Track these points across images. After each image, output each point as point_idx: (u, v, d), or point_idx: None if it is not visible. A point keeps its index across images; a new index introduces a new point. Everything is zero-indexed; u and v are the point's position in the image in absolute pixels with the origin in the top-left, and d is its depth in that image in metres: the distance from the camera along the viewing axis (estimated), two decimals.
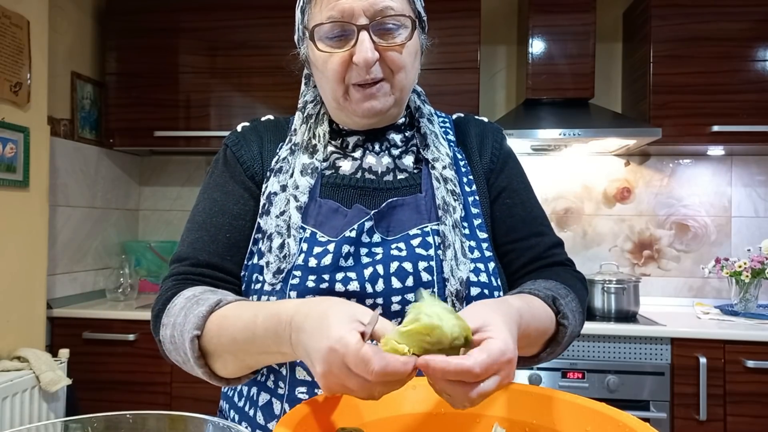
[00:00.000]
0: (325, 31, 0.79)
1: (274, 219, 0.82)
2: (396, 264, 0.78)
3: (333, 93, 0.83)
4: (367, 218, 0.80)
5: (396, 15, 0.78)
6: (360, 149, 0.88)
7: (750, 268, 2.38)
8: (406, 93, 0.85)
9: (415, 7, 0.83)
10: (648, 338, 2.16)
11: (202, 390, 2.30)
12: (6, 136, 2.07)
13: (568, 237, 2.83)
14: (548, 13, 2.52)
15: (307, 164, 0.85)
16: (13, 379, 1.95)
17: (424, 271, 0.78)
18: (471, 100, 2.52)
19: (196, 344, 0.72)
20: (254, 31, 2.58)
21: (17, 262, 2.13)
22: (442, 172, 0.85)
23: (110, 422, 0.52)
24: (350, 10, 0.77)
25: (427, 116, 0.91)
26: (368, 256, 0.79)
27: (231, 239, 0.84)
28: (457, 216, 0.82)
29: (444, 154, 0.87)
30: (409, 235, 0.81)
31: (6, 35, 2.06)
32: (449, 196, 0.83)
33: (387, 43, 0.79)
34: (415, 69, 0.85)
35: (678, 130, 2.42)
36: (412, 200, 0.84)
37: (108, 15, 2.69)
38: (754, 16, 2.41)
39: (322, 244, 0.79)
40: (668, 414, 2.14)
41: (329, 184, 0.85)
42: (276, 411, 0.79)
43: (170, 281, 0.82)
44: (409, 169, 0.88)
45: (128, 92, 2.66)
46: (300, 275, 0.77)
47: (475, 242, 0.83)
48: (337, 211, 0.82)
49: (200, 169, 3.03)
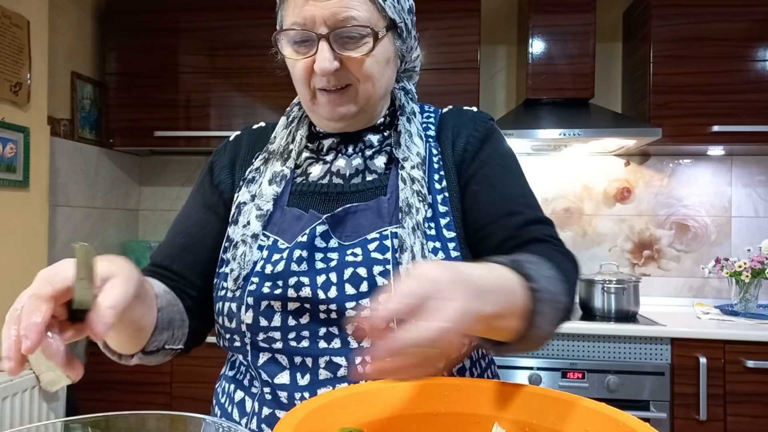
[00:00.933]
0: (290, 36, 0.80)
1: (240, 228, 0.84)
2: (350, 270, 0.77)
3: (302, 97, 0.85)
4: (319, 222, 0.80)
5: (357, 26, 0.77)
6: (333, 152, 0.88)
7: (750, 268, 2.38)
8: (373, 101, 0.84)
9: (387, 14, 0.80)
10: (648, 338, 2.16)
11: (202, 390, 2.30)
12: (6, 136, 2.07)
13: (568, 237, 2.84)
14: (548, 13, 2.52)
15: (277, 172, 0.87)
16: (13, 379, 1.95)
17: (380, 276, 0.77)
18: (471, 100, 2.52)
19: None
20: (254, 31, 2.58)
21: (17, 262, 2.13)
22: (410, 172, 0.82)
23: (110, 422, 0.52)
24: (312, 18, 0.77)
25: (408, 114, 0.89)
26: (323, 261, 0.78)
27: (184, 244, 0.89)
28: (420, 217, 0.79)
29: (414, 153, 0.84)
30: (367, 240, 0.79)
31: (6, 35, 2.06)
32: (413, 198, 0.80)
33: (349, 52, 0.78)
34: (385, 76, 0.83)
35: (678, 130, 2.42)
36: (374, 204, 0.82)
37: (108, 15, 2.69)
38: (754, 16, 2.41)
39: (280, 250, 0.80)
40: (668, 414, 2.14)
41: (297, 192, 0.86)
42: (247, 408, 0.81)
43: None
44: (379, 171, 0.86)
45: (128, 92, 2.66)
46: (257, 281, 0.78)
47: (441, 243, 0.80)
48: (299, 218, 0.82)
49: (200, 169, 3.02)
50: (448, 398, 0.67)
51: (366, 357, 0.75)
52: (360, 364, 0.75)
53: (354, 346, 0.76)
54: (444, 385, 0.68)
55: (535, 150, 2.72)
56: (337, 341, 0.77)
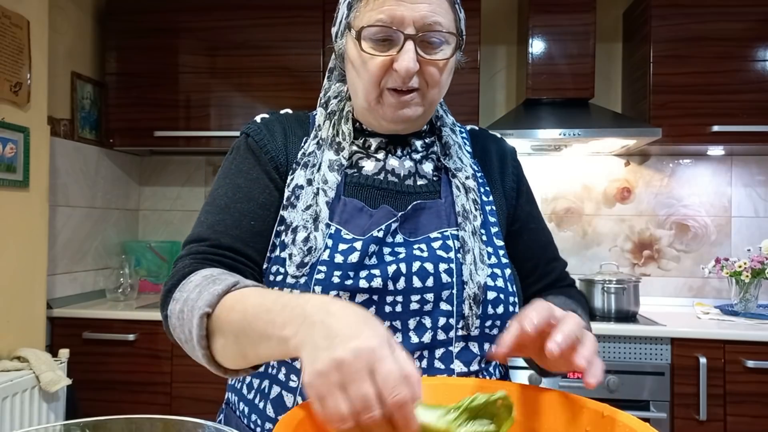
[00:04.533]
0: (371, 32, 0.80)
1: (300, 212, 0.82)
2: (418, 264, 0.80)
3: (366, 95, 0.83)
4: (394, 219, 0.82)
5: (443, 32, 0.80)
6: (382, 151, 0.89)
7: (750, 268, 2.38)
8: (434, 107, 0.87)
9: (459, 26, 0.85)
10: (648, 338, 2.16)
11: (202, 390, 2.30)
12: (6, 136, 2.06)
13: (568, 237, 2.84)
14: (548, 13, 2.52)
15: (333, 160, 0.86)
16: (13, 379, 1.94)
17: (445, 273, 0.80)
18: (471, 100, 2.52)
19: (205, 322, 0.67)
20: (254, 31, 2.58)
21: (17, 262, 2.13)
22: (464, 182, 0.87)
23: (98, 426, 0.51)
24: (401, 18, 0.78)
25: (449, 126, 0.94)
26: (391, 255, 0.80)
27: (255, 227, 0.83)
28: (477, 223, 0.85)
29: (468, 165, 0.90)
30: (430, 238, 0.83)
31: (6, 35, 2.06)
32: (470, 204, 0.86)
33: (428, 56, 0.80)
34: (446, 85, 0.87)
35: (678, 130, 2.42)
36: (433, 204, 0.86)
37: (108, 15, 2.69)
38: (754, 16, 2.40)
39: (347, 241, 0.80)
40: (668, 414, 2.14)
41: (352, 183, 0.86)
42: (288, 404, 0.79)
43: (188, 259, 0.79)
44: (429, 176, 0.89)
45: (128, 92, 2.66)
46: (325, 270, 0.77)
47: (492, 249, 0.86)
48: (362, 210, 0.83)
49: (200, 169, 3.03)
50: (448, 398, 0.67)
51: (423, 352, 0.78)
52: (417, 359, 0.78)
53: (414, 340, 0.78)
54: (444, 385, 0.68)
55: (535, 150, 2.71)
56: (399, 335, 0.78)
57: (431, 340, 0.79)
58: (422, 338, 0.78)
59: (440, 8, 0.80)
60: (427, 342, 0.78)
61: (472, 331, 0.80)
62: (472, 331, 0.80)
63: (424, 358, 0.78)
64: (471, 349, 0.81)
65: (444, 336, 0.79)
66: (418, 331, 0.78)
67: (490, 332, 0.81)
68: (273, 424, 0.80)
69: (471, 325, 0.79)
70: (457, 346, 0.80)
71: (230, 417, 0.89)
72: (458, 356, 0.80)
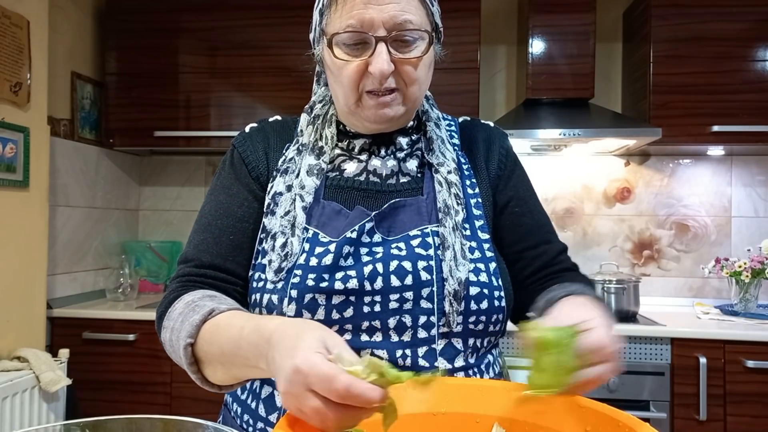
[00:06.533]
0: (343, 38, 0.80)
1: (278, 219, 0.83)
2: (395, 263, 0.79)
3: (346, 99, 0.84)
4: (368, 219, 0.82)
5: (414, 29, 0.79)
6: (366, 153, 0.89)
7: (750, 268, 2.38)
8: (417, 104, 0.86)
9: (434, 19, 0.84)
10: (648, 338, 2.16)
11: (202, 390, 2.28)
12: (6, 136, 2.07)
13: (568, 237, 2.83)
14: (548, 13, 2.52)
15: (313, 165, 0.87)
16: (13, 379, 1.95)
17: (423, 271, 0.79)
18: (471, 100, 2.52)
19: (189, 351, 0.74)
20: (254, 31, 2.58)
21: (17, 262, 2.13)
22: (446, 177, 0.86)
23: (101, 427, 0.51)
24: (370, 21, 0.78)
25: (434, 120, 0.93)
26: (368, 255, 0.80)
27: (234, 241, 0.86)
28: (459, 219, 0.84)
29: (450, 159, 0.89)
30: (409, 236, 0.82)
31: (6, 35, 2.06)
32: (451, 200, 0.85)
33: (403, 55, 0.80)
34: (427, 80, 0.86)
35: (678, 130, 2.42)
36: (413, 201, 0.85)
37: (108, 15, 2.69)
38: (754, 16, 2.41)
39: (323, 244, 0.80)
40: (668, 414, 2.14)
41: (333, 186, 0.87)
42: (279, 403, 0.80)
43: (175, 283, 0.85)
44: (412, 173, 0.89)
45: (128, 92, 2.66)
46: (301, 274, 0.78)
47: (476, 243, 0.85)
48: (340, 212, 0.84)
49: (200, 169, 3.03)
50: (448, 398, 0.67)
51: (406, 350, 0.78)
52: (400, 358, 0.78)
53: (395, 339, 0.78)
54: (444, 385, 0.68)
55: (535, 150, 2.71)
56: (379, 335, 0.78)
57: (412, 339, 0.79)
58: (402, 337, 0.78)
59: (409, 5, 0.79)
60: (407, 341, 0.78)
61: (455, 328, 0.79)
62: (455, 328, 0.79)
63: (408, 356, 0.78)
64: (455, 345, 0.80)
65: (425, 334, 0.79)
66: (398, 330, 0.78)
67: (475, 328, 0.81)
68: (264, 423, 0.81)
69: (452, 321, 0.79)
70: (440, 344, 0.79)
71: (227, 417, 0.90)
72: (441, 353, 0.79)
